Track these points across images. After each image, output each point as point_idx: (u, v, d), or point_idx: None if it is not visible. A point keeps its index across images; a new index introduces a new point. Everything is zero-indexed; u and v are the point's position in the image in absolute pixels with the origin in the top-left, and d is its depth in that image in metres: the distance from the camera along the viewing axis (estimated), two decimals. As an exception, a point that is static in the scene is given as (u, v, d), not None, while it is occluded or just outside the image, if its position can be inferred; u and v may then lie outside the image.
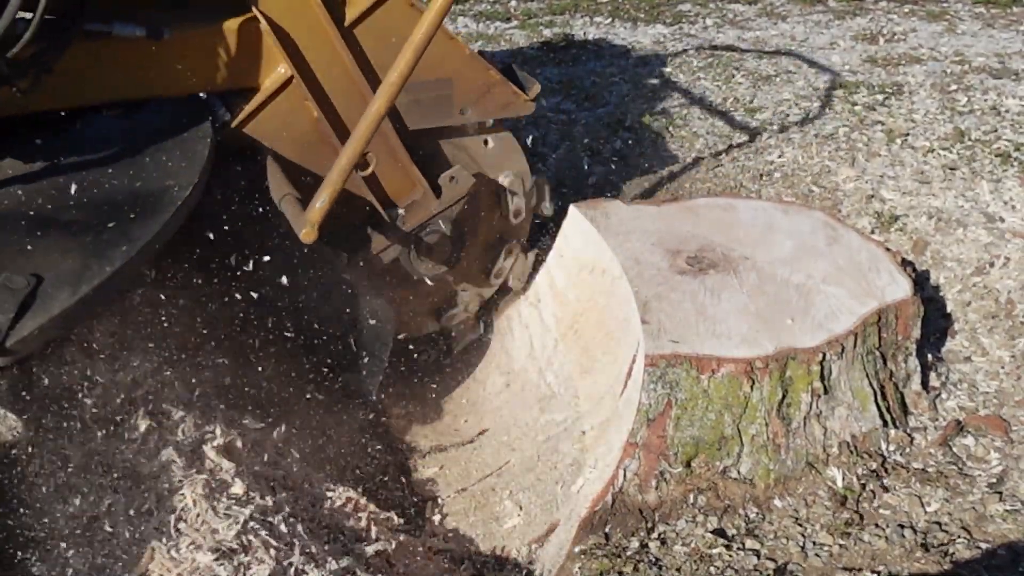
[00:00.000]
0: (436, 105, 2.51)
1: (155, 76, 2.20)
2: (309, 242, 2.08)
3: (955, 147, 3.91)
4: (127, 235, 1.90)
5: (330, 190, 2.08)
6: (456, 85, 2.51)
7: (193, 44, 2.20)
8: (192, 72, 2.23)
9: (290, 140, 2.42)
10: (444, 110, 2.53)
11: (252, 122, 2.36)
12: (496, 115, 2.63)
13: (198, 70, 2.23)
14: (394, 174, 2.54)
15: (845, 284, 2.58)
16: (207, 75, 2.25)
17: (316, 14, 2.23)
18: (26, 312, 1.72)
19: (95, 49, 2.09)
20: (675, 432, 2.36)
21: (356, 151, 2.10)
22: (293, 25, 2.23)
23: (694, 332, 2.39)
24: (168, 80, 2.21)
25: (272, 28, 2.20)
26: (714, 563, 2.23)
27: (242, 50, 2.25)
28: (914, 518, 2.34)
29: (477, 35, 5.83)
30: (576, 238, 2.89)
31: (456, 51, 2.47)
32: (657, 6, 6.26)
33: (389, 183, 2.55)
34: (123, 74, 2.17)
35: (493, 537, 2.51)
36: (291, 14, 2.22)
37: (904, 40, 5.30)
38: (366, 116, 2.08)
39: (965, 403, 2.72)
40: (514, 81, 2.64)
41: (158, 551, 2.05)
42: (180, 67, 2.20)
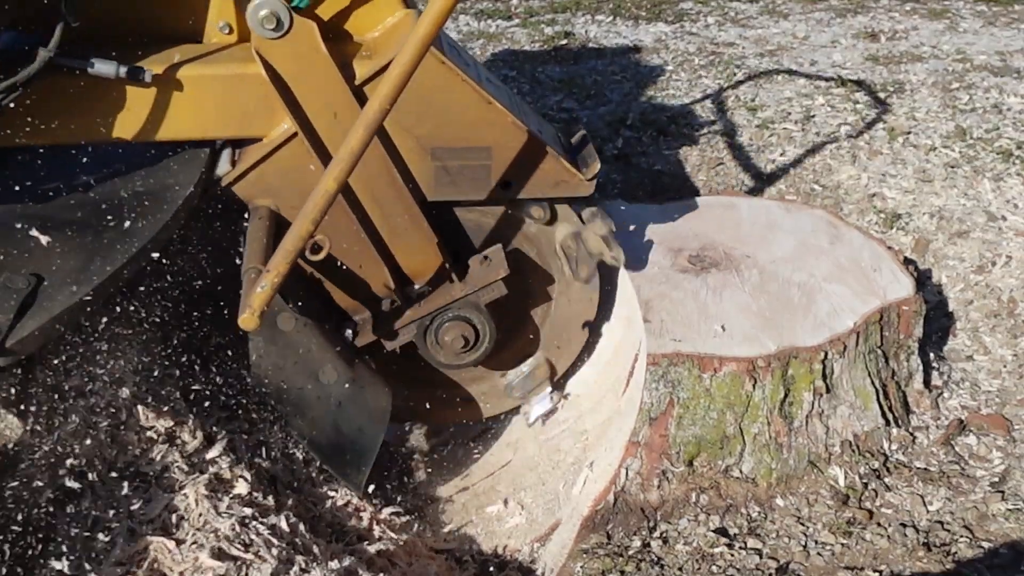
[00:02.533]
0: (470, 176, 2.18)
1: (141, 119, 2.02)
2: (248, 329, 1.82)
3: (957, 145, 3.91)
4: (127, 235, 1.89)
5: (273, 275, 1.80)
6: (496, 155, 2.16)
7: (186, 89, 2.01)
8: (184, 118, 2.04)
9: (292, 201, 2.14)
10: (480, 183, 2.19)
11: (246, 180, 2.13)
12: (545, 194, 2.25)
13: (190, 116, 2.04)
14: (412, 247, 2.26)
15: (847, 283, 2.57)
16: (201, 122, 2.06)
17: (325, 68, 2.00)
18: (26, 312, 1.71)
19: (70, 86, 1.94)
20: (677, 431, 2.36)
21: (302, 232, 1.81)
22: (299, 78, 2.01)
23: (696, 331, 2.39)
24: (156, 124, 2.03)
25: (274, 79, 1.99)
26: (716, 562, 2.23)
27: (242, 99, 2.05)
28: (916, 517, 2.34)
29: (479, 33, 5.82)
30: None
31: (496, 117, 2.10)
32: (659, 4, 6.25)
33: (405, 257, 2.28)
34: (103, 114, 2.00)
35: (495, 536, 2.51)
36: (297, 66, 1.99)
37: (906, 38, 5.30)
38: (316, 193, 1.81)
39: (967, 402, 2.72)
40: (571, 154, 2.30)
41: (160, 550, 2.05)
42: (170, 112, 2.02)
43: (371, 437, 2.27)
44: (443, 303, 2.32)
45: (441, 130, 2.10)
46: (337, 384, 2.23)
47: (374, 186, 2.14)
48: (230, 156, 2.17)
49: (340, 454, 2.24)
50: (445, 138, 2.11)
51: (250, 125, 2.09)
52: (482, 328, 2.35)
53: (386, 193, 2.16)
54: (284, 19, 1.92)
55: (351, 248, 2.23)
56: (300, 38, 1.95)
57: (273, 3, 1.89)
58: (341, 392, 2.24)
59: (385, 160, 2.11)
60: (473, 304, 2.32)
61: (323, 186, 1.80)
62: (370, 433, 2.28)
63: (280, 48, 1.96)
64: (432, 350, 2.39)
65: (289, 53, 1.97)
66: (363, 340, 2.37)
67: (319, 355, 2.21)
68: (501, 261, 2.29)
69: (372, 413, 2.29)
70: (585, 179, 2.22)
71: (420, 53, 1.76)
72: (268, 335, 2.15)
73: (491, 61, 5.32)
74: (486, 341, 2.37)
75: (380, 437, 2.29)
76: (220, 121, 2.06)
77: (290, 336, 2.17)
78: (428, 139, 2.11)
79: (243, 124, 2.08)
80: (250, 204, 2.17)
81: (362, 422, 2.27)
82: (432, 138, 2.11)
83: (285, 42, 1.95)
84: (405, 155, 2.13)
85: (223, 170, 2.14)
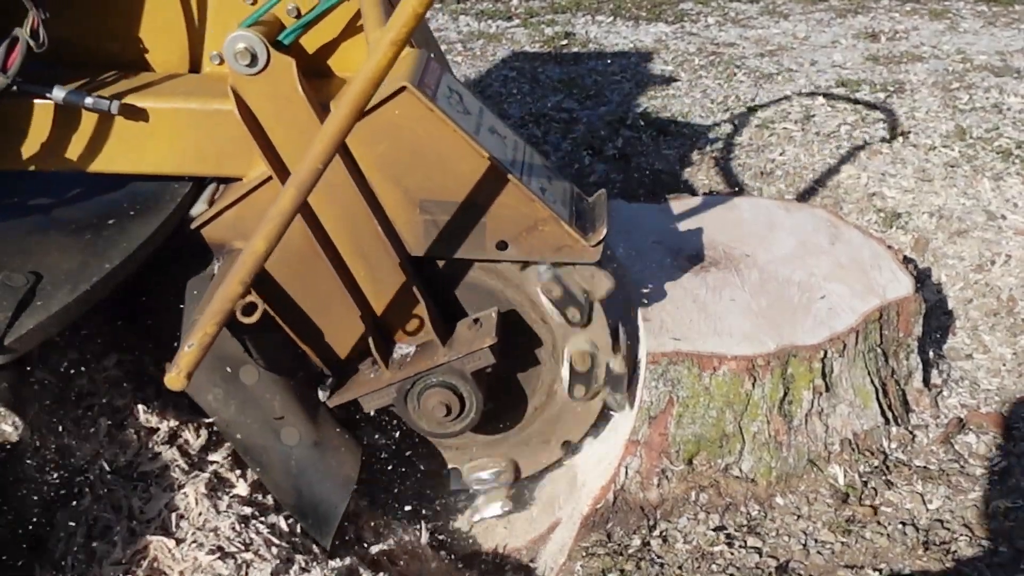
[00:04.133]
0: (462, 233, 2.00)
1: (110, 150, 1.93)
2: (174, 389, 1.66)
3: (956, 145, 3.91)
4: (126, 233, 1.90)
5: (200, 335, 1.63)
6: (491, 213, 1.98)
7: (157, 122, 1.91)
8: (156, 152, 1.94)
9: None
10: (473, 241, 2.01)
11: (221, 221, 1.99)
12: (545, 258, 2.05)
13: (163, 151, 1.94)
14: (396, 305, 2.10)
15: (847, 282, 2.57)
16: (176, 158, 1.96)
17: (302, 109, 1.85)
18: (25, 310, 1.72)
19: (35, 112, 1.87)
20: (677, 430, 2.36)
21: (230, 294, 1.63)
22: (274, 118, 1.87)
23: (696, 330, 2.39)
24: (126, 156, 1.94)
25: (247, 118, 1.85)
26: (716, 561, 2.23)
27: (217, 137, 1.92)
28: (916, 515, 2.34)
29: (479, 33, 5.83)
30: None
31: (491, 173, 1.93)
32: (659, 4, 6.26)
33: (389, 314, 2.12)
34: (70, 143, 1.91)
35: (494, 535, 2.51)
36: (273, 105, 1.85)
37: (906, 38, 5.30)
38: (244, 253, 1.63)
39: (967, 400, 2.72)
40: (579, 216, 2.10)
41: (160, 550, 2.05)
42: (141, 145, 1.93)
43: (334, 504, 2.14)
44: (424, 367, 2.11)
45: (431, 182, 1.94)
46: (299, 447, 2.12)
47: (357, 238, 2.00)
48: (210, 194, 2.05)
49: (304, 513, 2.14)
50: (435, 191, 1.95)
51: (227, 164, 1.98)
52: (468, 397, 2.13)
53: (370, 246, 2.00)
54: (260, 55, 1.80)
55: (330, 302, 2.07)
56: (277, 76, 1.83)
57: (250, 38, 1.78)
58: (303, 455, 2.12)
59: (368, 211, 1.95)
60: (458, 371, 2.11)
61: (252, 246, 1.62)
62: (333, 500, 2.14)
63: (256, 85, 1.83)
64: (413, 416, 2.18)
65: (265, 91, 1.84)
66: (338, 400, 2.19)
67: (281, 414, 2.10)
68: (492, 327, 2.09)
69: (335, 480, 2.15)
70: (589, 245, 2.02)
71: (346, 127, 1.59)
72: (229, 388, 2.04)
73: (491, 61, 5.33)
74: (472, 412, 2.15)
75: (343, 505, 2.15)
76: (196, 158, 1.96)
77: (252, 390, 2.06)
78: (416, 191, 1.95)
79: (220, 163, 1.98)
80: (224, 249, 2.03)
81: (324, 488, 2.14)
82: (421, 190, 1.95)
83: (261, 79, 1.83)
84: (391, 206, 1.98)
85: (198, 209, 2.02)
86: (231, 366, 2.04)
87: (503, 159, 1.95)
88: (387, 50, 1.51)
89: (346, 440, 2.22)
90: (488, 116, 2.07)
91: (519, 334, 2.20)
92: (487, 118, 2.05)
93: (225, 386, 2.05)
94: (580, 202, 2.15)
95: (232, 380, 2.04)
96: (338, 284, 2.02)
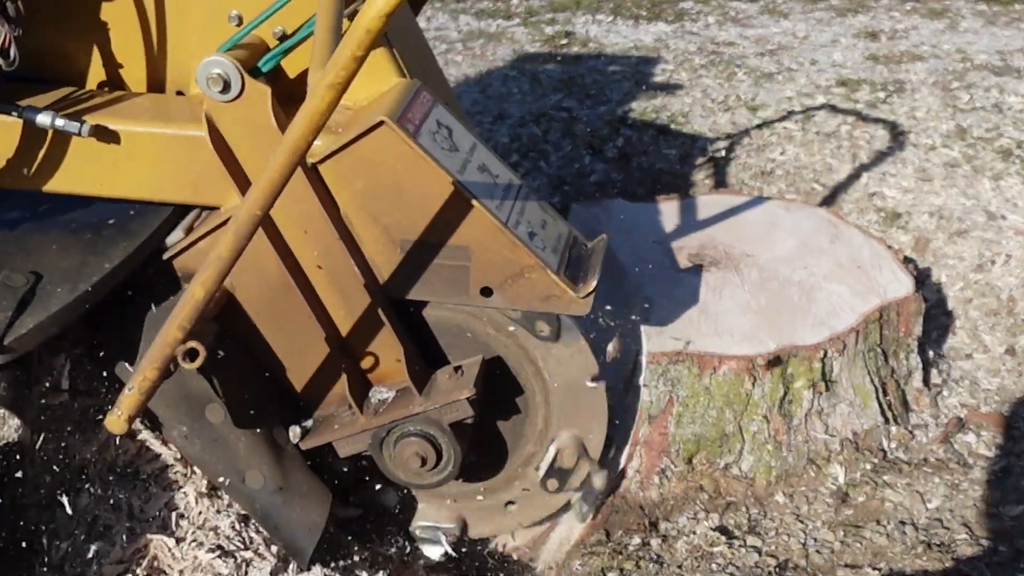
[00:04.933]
0: (445, 277, 1.89)
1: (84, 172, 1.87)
2: (115, 432, 1.61)
3: (957, 144, 3.91)
4: (126, 232, 1.89)
5: (140, 378, 1.57)
6: (475, 257, 1.86)
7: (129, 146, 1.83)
8: (131, 176, 1.87)
9: (247, 281, 1.89)
10: (456, 285, 1.89)
11: (196, 249, 1.89)
12: (533, 307, 1.92)
13: (138, 175, 1.86)
14: (374, 348, 1.99)
15: (847, 281, 2.58)
16: (152, 183, 1.88)
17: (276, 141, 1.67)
18: (25, 309, 1.72)
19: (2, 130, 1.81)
20: (676, 429, 2.36)
21: (169, 339, 1.57)
22: (246, 148, 1.77)
23: (696, 329, 2.39)
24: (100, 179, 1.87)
25: (219, 146, 1.76)
26: (715, 560, 2.24)
27: (192, 163, 1.83)
28: (915, 515, 2.34)
29: (479, 33, 5.83)
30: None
31: (476, 216, 1.81)
32: (659, 4, 6.25)
33: (366, 357, 2.01)
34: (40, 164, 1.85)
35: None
36: (246, 134, 1.75)
37: (906, 37, 5.30)
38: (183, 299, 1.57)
39: (966, 400, 2.72)
40: (571, 264, 1.95)
41: (160, 549, 2.05)
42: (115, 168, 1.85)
43: (300, 549, 2.08)
44: (400, 416, 1.99)
45: (411, 222, 1.83)
46: (263, 492, 2.05)
47: (336, 277, 1.90)
48: (189, 222, 1.97)
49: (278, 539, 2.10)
50: (416, 231, 1.84)
51: (204, 192, 1.88)
52: (445, 449, 2.00)
53: (348, 286, 1.90)
54: (234, 82, 1.70)
55: (307, 342, 1.97)
56: (251, 104, 1.73)
57: (224, 63, 1.68)
58: (267, 500, 2.06)
59: (345, 250, 1.85)
60: (435, 422, 1.98)
61: (190, 292, 1.56)
62: (299, 543, 2.08)
63: (229, 113, 1.74)
64: (388, 464, 2.06)
65: (238, 119, 1.74)
66: (310, 443, 2.08)
67: (246, 456, 2.03)
68: (472, 378, 1.96)
69: (300, 526, 2.09)
70: (578, 297, 1.88)
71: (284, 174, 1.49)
72: (195, 426, 1.99)
73: (491, 60, 5.33)
74: (449, 464, 2.02)
75: (310, 548, 2.08)
76: (174, 185, 1.88)
77: (218, 430, 1.99)
78: (396, 230, 1.85)
79: (197, 190, 1.88)
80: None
81: (288, 534, 2.08)
82: (401, 229, 1.85)
83: (235, 106, 1.73)
84: (370, 245, 1.88)
85: (174, 238, 1.94)
86: (197, 404, 1.97)
87: (490, 200, 1.84)
88: (324, 94, 1.41)
89: (314, 485, 2.13)
90: (480, 153, 1.94)
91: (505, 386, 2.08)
92: (479, 155, 1.93)
93: (191, 424, 2.00)
94: (576, 247, 2.01)
95: (198, 418, 1.99)
96: (315, 324, 1.93)
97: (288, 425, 2.10)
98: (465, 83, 4.99)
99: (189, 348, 1.58)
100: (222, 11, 1.81)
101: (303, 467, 2.12)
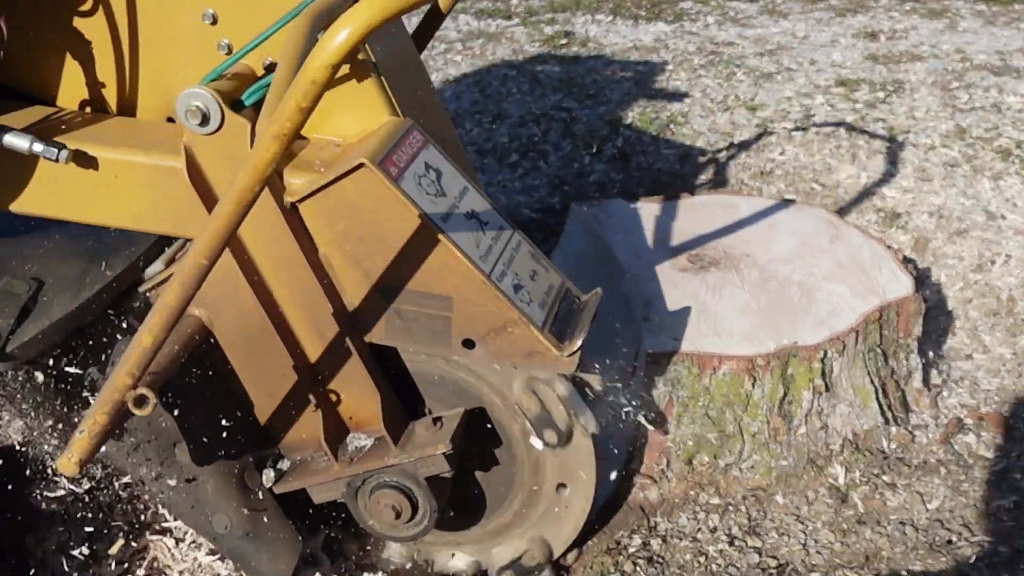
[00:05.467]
0: (427, 326, 1.82)
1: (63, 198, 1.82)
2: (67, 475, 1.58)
3: (956, 144, 3.91)
4: (128, 239, 1.89)
5: (90, 422, 1.53)
6: (457, 308, 1.79)
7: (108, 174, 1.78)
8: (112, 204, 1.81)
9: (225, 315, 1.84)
10: (438, 336, 1.83)
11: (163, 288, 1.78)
12: (515, 362, 1.85)
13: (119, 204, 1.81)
14: (352, 394, 1.93)
15: (847, 282, 2.58)
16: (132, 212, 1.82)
17: None
18: (27, 317, 1.71)
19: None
20: (677, 429, 2.36)
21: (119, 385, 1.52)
22: (225, 183, 1.68)
23: (696, 330, 2.39)
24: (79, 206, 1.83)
25: (195, 179, 1.71)
26: (715, 561, 2.24)
27: (171, 194, 1.76)
28: (915, 515, 2.34)
29: (478, 33, 5.83)
30: (578, 236, 2.89)
31: (458, 267, 1.74)
32: (658, 4, 6.25)
33: (344, 404, 1.95)
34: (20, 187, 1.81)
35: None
36: (224, 169, 1.69)
37: (905, 37, 5.30)
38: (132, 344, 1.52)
39: (966, 400, 2.72)
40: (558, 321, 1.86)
41: (159, 550, 2.05)
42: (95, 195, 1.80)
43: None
44: (375, 467, 1.93)
45: (393, 268, 1.77)
46: (228, 537, 2.02)
47: (314, 320, 1.84)
48: (171, 254, 1.94)
49: None
50: (397, 277, 1.78)
51: (184, 224, 1.81)
52: (421, 503, 1.94)
53: (327, 330, 1.84)
54: (213, 115, 1.64)
55: (283, 384, 1.91)
56: (231, 138, 1.67)
57: (204, 95, 1.63)
58: (233, 545, 2.04)
59: (323, 294, 1.80)
60: (411, 475, 1.91)
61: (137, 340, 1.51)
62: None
63: (208, 146, 1.68)
64: (363, 514, 2.00)
65: (217, 153, 1.68)
66: (284, 487, 2.02)
67: (214, 499, 2.00)
68: (450, 432, 1.88)
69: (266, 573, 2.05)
70: (563, 355, 1.80)
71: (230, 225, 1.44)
72: (164, 465, 1.97)
73: (491, 60, 5.33)
74: (424, 519, 1.96)
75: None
76: (154, 215, 1.81)
77: (186, 470, 1.98)
78: (376, 274, 1.79)
79: (177, 222, 1.81)
80: None
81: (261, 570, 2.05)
82: (382, 275, 1.79)
83: (215, 140, 1.67)
84: (350, 289, 1.82)
85: (153, 270, 1.91)
86: (166, 443, 1.96)
87: (475, 249, 1.77)
88: (269, 144, 1.36)
89: (284, 533, 2.08)
90: (470, 198, 1.86)
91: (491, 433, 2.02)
92: (468, 200, 1.85)
93: (159, 462, 1.97)
94: (567, 300, 1.92)
95: (166, 457, 1.97)
96: (292, 365, 1.88)
97: (261, 468, 2.05)
98: (464, 83, 4.99)
99: (139, 395, 1.53)
100: (211, 40, 1.76)
101: (274, 512, 2.07)
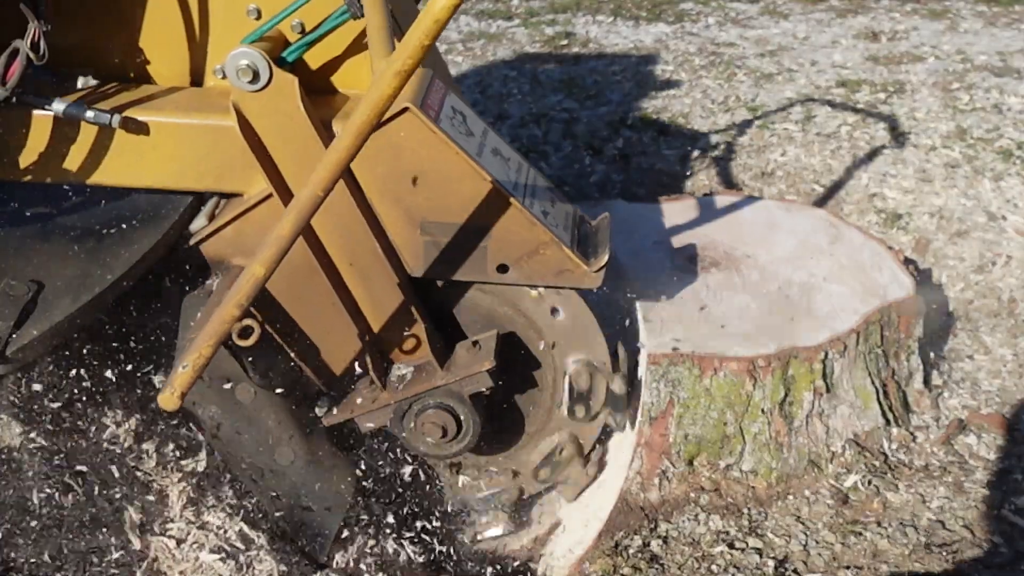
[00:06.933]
0: (464, 256, 1.99)
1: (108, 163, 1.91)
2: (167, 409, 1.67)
3: (957, 145, 3.91)
4: (128, 242, 1.88)
5: (194, 356, 1.63)
6: (494, 237, 1.97)
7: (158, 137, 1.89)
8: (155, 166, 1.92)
9: None
10: (474, 264, 2.00)
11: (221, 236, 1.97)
12: (546, 282, 2.05)
13: (163, 165, 1.92)
14: (395, 325, 2.08)
15: (847, 282, 2.57)
16: (175, 173, 1.93)
17: (303, 127, 1.84)
18: (27, 319, 1.71)
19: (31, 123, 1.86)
20: (677, 431, 2.36)
21: (226, 316, 1.63)
22: (275, 135, 1.85)
23: (696, 330, 2.39)
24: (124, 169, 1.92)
25: (248, 134, 1.83)
26: (716, 562, 2.23)
27: (218, 153, 1.90)
28: (916, 516, 2.34)
29: (479, 33, 5.83)
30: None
31: (493, 196, 1.92)
32: (659, 4, 6.25)
33: (387, 335, 2.10)
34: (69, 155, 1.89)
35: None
36: (274, 122, 1.83)
37: (906, 38, 5.30)
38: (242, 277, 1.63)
39: (967, 401, 2.72)
40: (581, 241, 2.08)
41: (160, 550, 2.05)
42: (140, 159, 1.91)
43: (329, 521, 2.19)
44: (421, 390, 2.10)
45: (432, 203, 1.93)
46: (293, 467, 2.15)
47: (357, 257, 1.98)
48: (211, 209, 2.02)
49: (298, 530, 2.20)
50: (436, 212, 1.93)
51: (228, 180, 1.95)
52: (464, 420, 2.13)
53: (370, 265, 1.99)
54: (263, 73, 1.78)
55: (328, 320, 2.05)
56: (279, 93, 1.81)
57: (252, 54, 1.75)
58: (297, 475, 2.15)
59: (368, 230, 1.94)
60: (456, 394, 2.10)
61: (250, 271, 1.62)
62: (327, 519, 2.19)
63: (257, 102, 1.81)
64: (409, 437, 2.17)
65: (266, 108, 1.82)
66: (334, 419, 2.17)
67: (276, 433, 2.11)
68: (490, 351, 2.08)
69: (328, 500, 2.19)
70: (591, 271, 2.00)
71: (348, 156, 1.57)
72: (226, 405, 2.06)
73: (491, 61, 5.33)
74: (468, 434, 2.15)
75: (337, 523, 2.20)
76: (197, 173, 1.94)
77: (247, 409, 2.07)
78: (417, 211, 1.94)
79: (220, 178, 1.95)
80: (222, 265, 2.01)
81: (318, 506, 2.18)
82: (422, 211, 1.94)
83: (263, 96, 1.81)
84: (391, 226, 1.97)
85: (197, 224, 1.99)
86: (227, 384, 2.03)
87: (505, 182, 1.94)
88: (391, 80, 1.49)
89: (339, 460, 2.21)
90: (492, 137, 2.04)
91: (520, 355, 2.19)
92: (491, 139, 2.03)
93: (221, 403, 2.06)
94: (583, 225, 2.13)
95: (228, 398, 2.05)
96: (337, 302, 2.01)
97: (312, 402, 2.17)
98: (465, 84, 4.99)
99: (244, 325, 1.67)
100: (241, 5, 1.86)
101: (329, 442, 2.21)
